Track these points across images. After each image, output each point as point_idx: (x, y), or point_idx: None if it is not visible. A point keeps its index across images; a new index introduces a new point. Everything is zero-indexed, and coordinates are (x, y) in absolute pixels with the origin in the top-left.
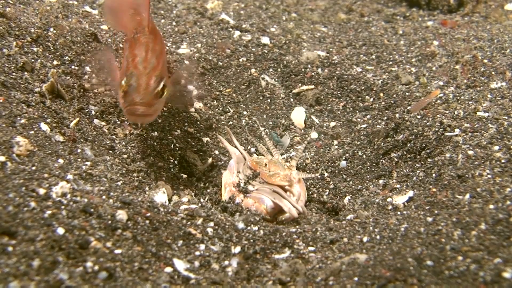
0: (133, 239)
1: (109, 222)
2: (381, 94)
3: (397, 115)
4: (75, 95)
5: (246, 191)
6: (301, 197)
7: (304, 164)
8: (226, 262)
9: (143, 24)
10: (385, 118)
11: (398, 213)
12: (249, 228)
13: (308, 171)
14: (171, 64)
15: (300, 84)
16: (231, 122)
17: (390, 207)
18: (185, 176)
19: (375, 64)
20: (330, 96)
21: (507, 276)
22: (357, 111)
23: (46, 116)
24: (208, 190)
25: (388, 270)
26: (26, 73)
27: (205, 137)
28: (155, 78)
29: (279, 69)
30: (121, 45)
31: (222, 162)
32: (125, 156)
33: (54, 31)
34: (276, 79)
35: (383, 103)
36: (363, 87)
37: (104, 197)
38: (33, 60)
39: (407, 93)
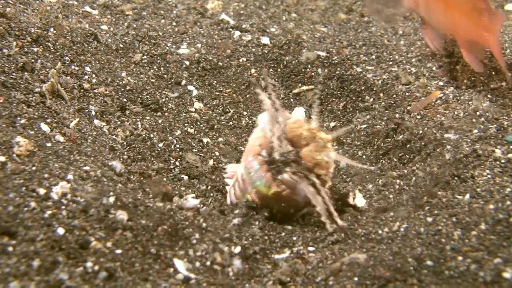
0: (133, 239)
1: (110, 222)
2: (381, 94)
3: (397, 115)
4: (75, 95)
5: (278, 171)
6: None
7: None
8: (227, 262)
9: None
10: (385, 118)
11: None
12: (249, 228)
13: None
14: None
15: (300, 84)
16: (231, 123)
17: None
18: (186, 177)
19: (375, 64)
20: (330, 96)
21: (507, 276)
22: (357, 111)
23: (46, 116)
24: (211, 194)
25: (388, 270)
26: (26, 73)
27: (206, 138)
28: None
29: (279, 69)
30: (121, 46)
31: (223, 164)
32: (125, 156)
33: (54, 31)
34: (276, 79)
35: (383, 103)
36: (363, 87)
37: (104, 197)
38: (33, 60)
39: (407, 93)
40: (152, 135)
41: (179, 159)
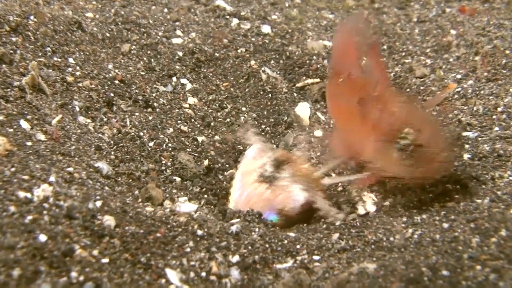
0: (121, 247)
1: (96, 228)
2: (393, 88)
3: None
4: (58, 89)
5: (272, 179)
6: None
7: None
8: (224, 273)
9: None
10: None
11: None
12: (248, 235)
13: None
14: None
15: (304, 77)
16: (228, 119)
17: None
18: (178, 179)
19: (387, 55)
20: None
21: None
22: None
23: (26, 112)
24: (205, 196)
25: (400, 281)
26: (4, 65)
27: (201, 137)
28: None
29: (281, 61)
30: (107, 35)
31: (219, 165)
32: (112, 157)
33: (35, 19)
34: (278, 72)
35: None
36: None
37: (90, 201)
38: (12, 51)
39: (421, 87)
40: (141, 133)
41: (171, 159)
